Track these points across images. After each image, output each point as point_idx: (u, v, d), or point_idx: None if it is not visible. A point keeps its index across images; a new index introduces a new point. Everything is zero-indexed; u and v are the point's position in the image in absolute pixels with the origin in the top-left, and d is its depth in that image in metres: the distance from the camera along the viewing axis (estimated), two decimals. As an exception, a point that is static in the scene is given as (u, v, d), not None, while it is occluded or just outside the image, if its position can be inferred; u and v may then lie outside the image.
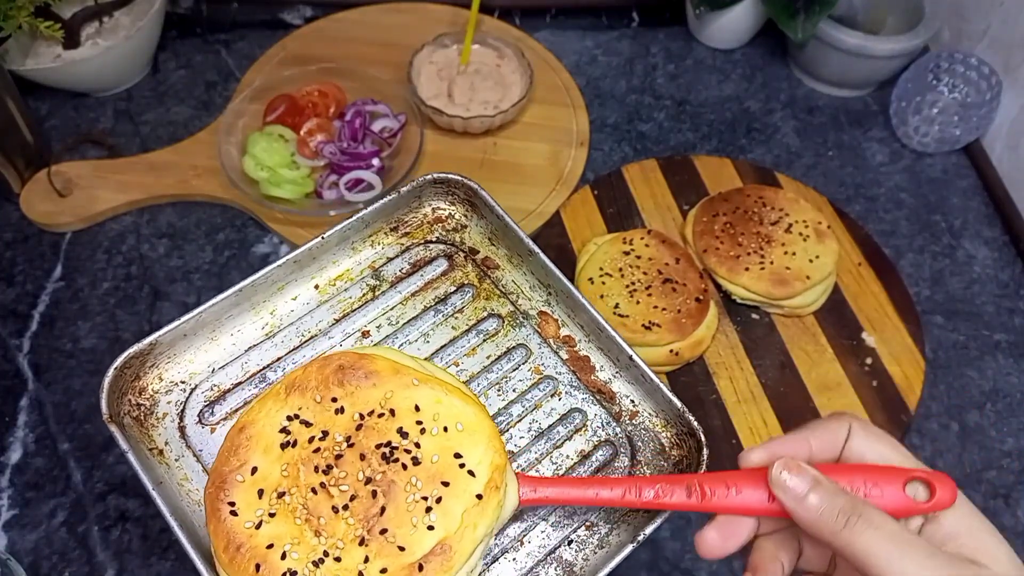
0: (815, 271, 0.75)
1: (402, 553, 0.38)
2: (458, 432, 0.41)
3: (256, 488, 0.40)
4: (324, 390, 0.42)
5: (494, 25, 1.01)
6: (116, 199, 0.83)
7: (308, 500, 0.39)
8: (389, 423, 0.41)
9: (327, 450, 0.40)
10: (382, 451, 0.40)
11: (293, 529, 0.39)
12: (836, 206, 0.85)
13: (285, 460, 0.41)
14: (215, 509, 0.40)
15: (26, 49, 0.89)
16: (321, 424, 0.41)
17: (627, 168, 0.87)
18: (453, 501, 0.39)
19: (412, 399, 0.42)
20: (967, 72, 0.92)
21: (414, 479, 0.40)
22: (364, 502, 0.39)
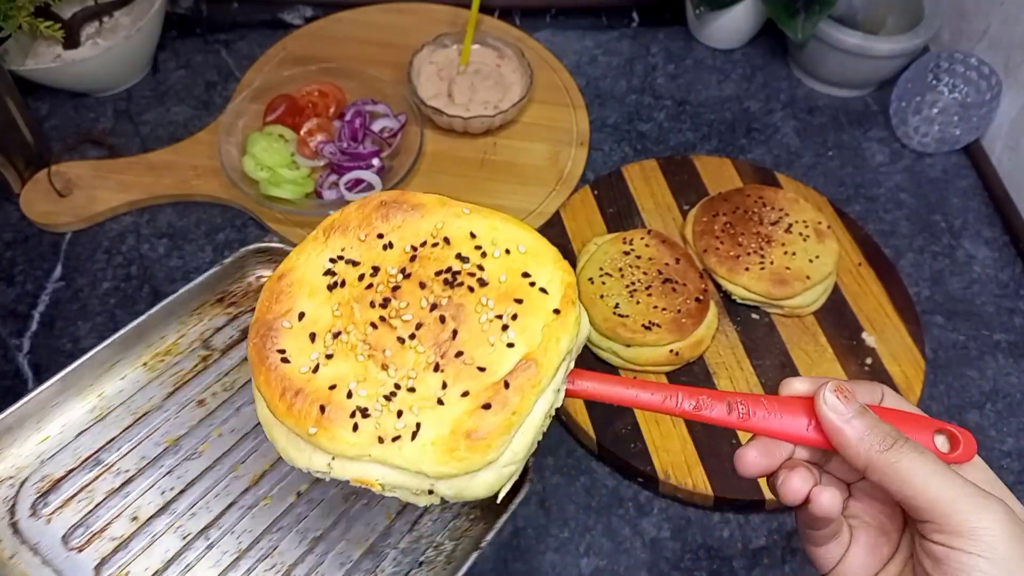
0: (815, 271, 0.75)
1: (483, 373, 0.36)
2: (521, 254, 0.39)
3: (307, 332, 0.37)
4: (368, 227, 0.40)
5: (494, 25, 1.01)
6: (116, 199, 0.83)
7: (368, 336, 0.37)
8: (445, 251, 0.39)
9: (381, 284, 0.38)
10: (443, 277, 0.38)
11: (356, 367, 0.36)
12: (836, 206, 0.85)
13: (335, 301, 0.38)
14: (263, 359, 0.37)
15: (26, 49, 0.89)
16: (370, 261, 0.39)
17: (627, 168, 0.87)
18: (530, 317, 0.37)
19: (466, 227, 0.40)
20: (967, 72, 0.92)
21: (484, 299, 0.37)
22: (432, 328, 0.36)
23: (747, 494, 0.66)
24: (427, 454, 0.35)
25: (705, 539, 0.67)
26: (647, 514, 0.68)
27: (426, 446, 0.35)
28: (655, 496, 0.69)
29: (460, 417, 0.35)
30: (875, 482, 0.36)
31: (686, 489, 0.66)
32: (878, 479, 0.36)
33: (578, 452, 0.71)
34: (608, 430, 0.69)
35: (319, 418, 0.35)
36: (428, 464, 0.35)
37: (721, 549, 0.66)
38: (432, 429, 0.35)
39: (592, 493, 0.69)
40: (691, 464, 0.67)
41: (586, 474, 0.70)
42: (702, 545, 0.67)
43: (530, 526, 0.67)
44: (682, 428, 0.69)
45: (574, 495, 0.69)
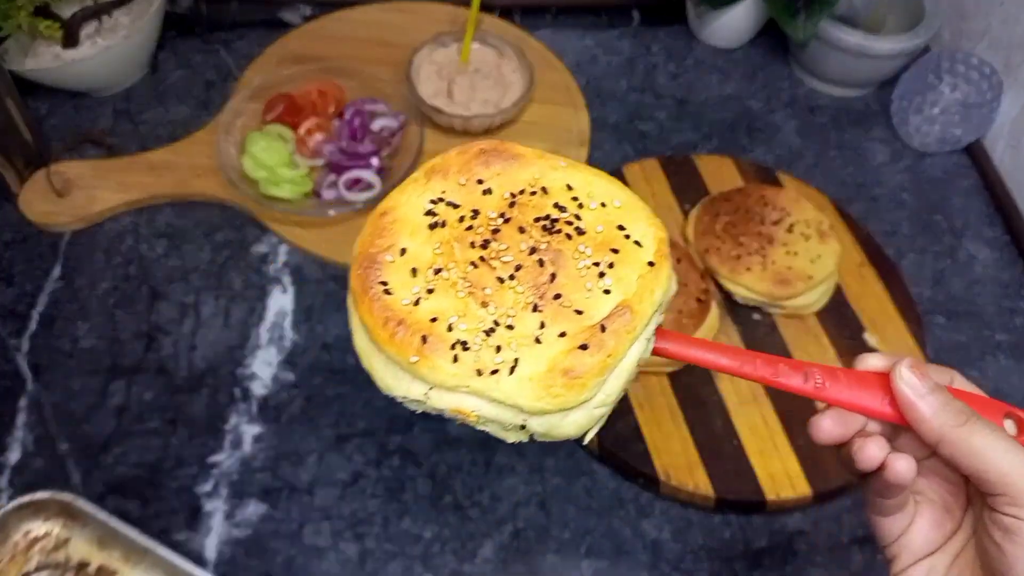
0: (817, 271, 0.75)
1: (580, 316, 0.37)
2: (616, 208, 0.40)
3: (409, 267, 0.38)
4: (468, 172, 0.41)
5: (494, 24, 1.01)
6: (115, 199, 0.83)
7: (469, 274, 0.38)
8: (543, 199, 0.40)
9: (481, 227, 0.39)
10: (542, 223, 0.39)
11: (456, 302, 0.37)
12: (837, 206, 0.85)
13: (436, 240, 0.39)
14: (366, 289, 0.38)
15: (25, 49, 0.89)
16: (470, 204, 0.40)
17: (628, 167, 0.87)
18: (626, 268, 0.38)
19: (563, 179, 0.41)
20: (968, 72, 0.91)
21: (581, 247, 0.38)
22: (531, 271, 0.38)
23: (748, 495, 0.66)
24: (524, 389, 0.36)
25: (706, 540, 0.67)
26: (648, 515, 0.68)
27: (523, 381, 0.36)
28: (656, 497, 0.69)
29: (557, 355, 0.36)
30: (946, 457, 0.37)
31: (687, 490, 0.66)
32: (950, 454, 0.37)
33: (579, 453, 0.71)
34: (609, 431, 0.69)
35: (420, 348, 0.36)
36: (525, 398, 0.36)
37: (722, 550, 0.66)
38: (530, 365, 0.36)
39: (593, 494, 0.69)
40: (692, 465, 0.67)
41: (587, 475, 0.70)
42: (703, 546, 0.66)
43: (530, 527, 0.67)
44: (683, 429, 0.69)
45: (575, 496, 0.69)
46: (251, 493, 0.68)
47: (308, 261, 0.81)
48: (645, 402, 0.71)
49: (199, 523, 0.66)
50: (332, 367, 0.75)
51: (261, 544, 0.65)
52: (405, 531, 0.66)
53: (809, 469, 0.67)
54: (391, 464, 0.70)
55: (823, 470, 0.67)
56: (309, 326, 0.77)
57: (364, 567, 0.65)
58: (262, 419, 0.72)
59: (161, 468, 0.69)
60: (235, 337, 0.76)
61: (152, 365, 0.74)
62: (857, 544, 0.67)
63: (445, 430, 0.71)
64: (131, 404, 0.72)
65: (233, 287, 0.79)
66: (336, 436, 0.71)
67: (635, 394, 0.71)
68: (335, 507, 0.67)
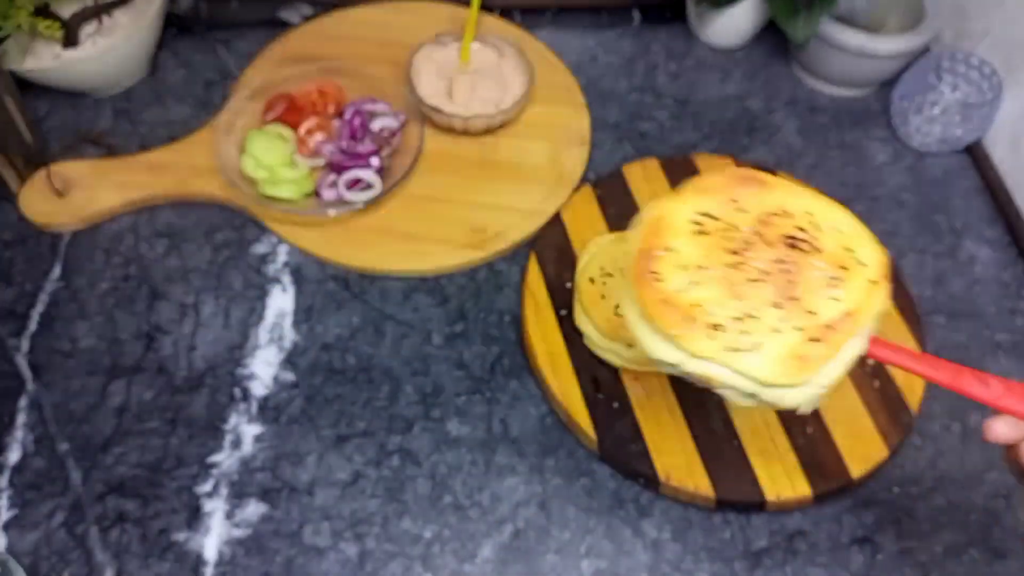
0: None
1: (813, 316, 0.46)
2: (846, 233, 0.49)
3: (678, 263, 0.48)
4: (727, 193, 0.50)
5: (494, 24, 1.01)
6: (115, 199, 0.83)
7: (726, 273, 0.47)
8: (788, 221, 0.49)
9: (736, 239, 0.49)
10: (786, 240, 0.48)
11: (714, 294, 0.47)
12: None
13: (700, 244, 0.49)
14: (642, 276, 0.48)
15: (25, 48, 0.89)
16: (728, 219, 0.49)
17: (628, 167, 0.87)
18: (853, 282, 0.47)
19: (805, 206, 0.50)
20: (968, 72, 0.91)
21: (817, 261, 0.48)
22: (776, 277, 0.47)
23: (749, 496, 0.66)
24: (764, 365, 0.46)
25: (706, 540, 0.67)
26: (648, 515, 0.68)
27: (764, 359, 0.46)
28: (656, 497, 0.69)
29: (793, 344, 0.46)
30: None
31: (687, 490, 0.66)
32: None
33: (579, 453, 0.71)
34: (609, 431, 0.69)
35: (683, 325, 0.46)
36: (763, 373, 0.46)
37: (722, 550, 0.66)
38: (770, 348, 0.46)
39: (593, 494, 0.69)
40: (692, 465, 0.67)
41: (587, 475, 0.70)
42: (703, 546, 0.66)
43: (530, 527, 0.67)
44: (683, 429, 0.69)
45: (574, 496, 0.69)
46: (251, 493, 0.68)
47: (308, 261, 0.81)
48: (645, 402, 0.71)
49: (199, 523, 0.66)
50: (332, 367, 0.75)
51: (261, 544, 0.65)
52: (405, 531, 0.66)
53: (809, 469, 0.67)
54: (391, 464, 0.70)
55: (823, 470, 0.67)
56: (309, 326, 0.77)
57: (364, 567, 0.65)
58: (262, 419, 0.72)
59: (161, 468, 0.69)
60: (235, 337, 0.76)
61: (152, 365, 0.74)
62: (857, 544, 0.67)
63: (445, 430, 0.72)
64: (131, 404, 0.72)
65: (233, 287, 0.79)
66: (336, 436, 0.71)
67: (635, 394, 0.71)
68: (335, 507, 0.67)
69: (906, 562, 0.66)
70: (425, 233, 0.82)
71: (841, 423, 0.70)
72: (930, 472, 0.71)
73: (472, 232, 0.82)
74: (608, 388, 0.72)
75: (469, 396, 0.73)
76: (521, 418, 0.72)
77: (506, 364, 0.76)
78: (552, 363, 0.73)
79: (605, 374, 0.72)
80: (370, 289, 0.80)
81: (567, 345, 0.74)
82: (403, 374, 0.75)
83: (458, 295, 0.80)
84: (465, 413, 0.73)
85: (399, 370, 0.75)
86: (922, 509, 0.69)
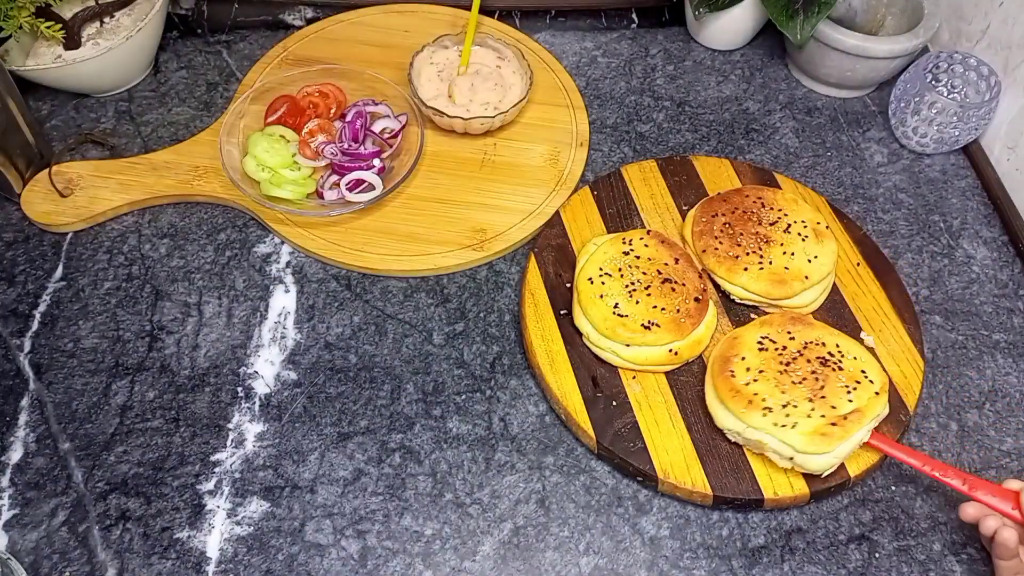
0: (814, 271, 0.75)
1: (834, 410, 0.65)
2: (860, 362, 0.69)
3: (744, 367, 0.68)
4: (783, 326, 0.71)
5: (494, 26, 1.02)
6: (117, 199, 0.84)
7: (777, 377, 0.67)
8: (822, 349, 0.69)
9: (785, 355, 0.69)
10: (819, 359, 0.68)
11: (768, 388, 0.67)
12: (834, 206, 0.85)
13: (761, 356, 0.69)
14: (721, 372, 0.69)
15: (27, 49, 0.89)
16: (780, 342, 0.70)
17: (626, 168, 0.87)
18: (863, 392, 0.67)
19: (834, 340, 0.70)
20: (966, 72, 0.92)
21: (839, 376, 0.67)
22: (811, 382, 0.67)
23: (746, 493, 0.66)
24: (798, 438, 0.64)
25: (704, 538, 0.67)
26: (646, 512, 0.68)
27: (798, 434, 0.64)
28: (654, 495, 0.69)
29: (819, 425, 0.65)
30: None
31: (685, 488, 0.67)
32: None
33: (578, 451, 0.71)
34: (607, 429, 0.69)
35: (746, 406, 0.66)
36: (798, 443, 0.64)
37: (720, 548, 0.67)
38: (803, 427, 0.65)
39: (591, 492, 0.69)
40: (690, 463, 0.68)
41: (586, 473, 0.70)
42: (701, 544, 0.67)
43: (530, 525, 0.67)
44: (681, 427, 0.70)
45: (573, 494, 0.69)
46: (253, 491, 0.68)
47: (310, 261, 0.82)
48: (643, 400, 0.71)
49: (201, 521, 0.67)
50: (334, 366, 0.75)
51: (263, 542, 0.66)
52: (406, 528, 0.67)
53: None
54: (392, 462, 0.70)
55: None
56: (311, 325, 0.77)
57: (365, 564, 0.65)
58: (264, 417, 0.72)
59: (163, 466, 0.69)
60: (238, 336, 0.77)
61: (155, 364, 0.75)
62: (855, 542, 0.67)
63: (445, 428, 0.72)
64: (134, 403, 0.72)
65: (236, 287, 0.80)
66: (338, 434, 0.71)
67: (633, 393, 0.72)
68: (337, 505, 0.68)
69: (903, 560, 0.67)
70: (426, 234, 0.83)
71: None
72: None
73: (472, 232, 0.83)
74: (607, 387, 0.72)
75: (469, 395, 0.74)
76: (521, 416, 0.73)
77: (506, 363, 0.76)
78: (551, 362, 0.73)
79: (604, 373, 0.73)
80: (371, 289, 0.80)
81: (566, 344, 0.74)
82: (404, 373, 0.75)
83: (458, 295, 0.80)
84: (465, 411, 0.73)
85: (400, 369, 0.75)
86: (920, 507, 0.69)
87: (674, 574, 0.65)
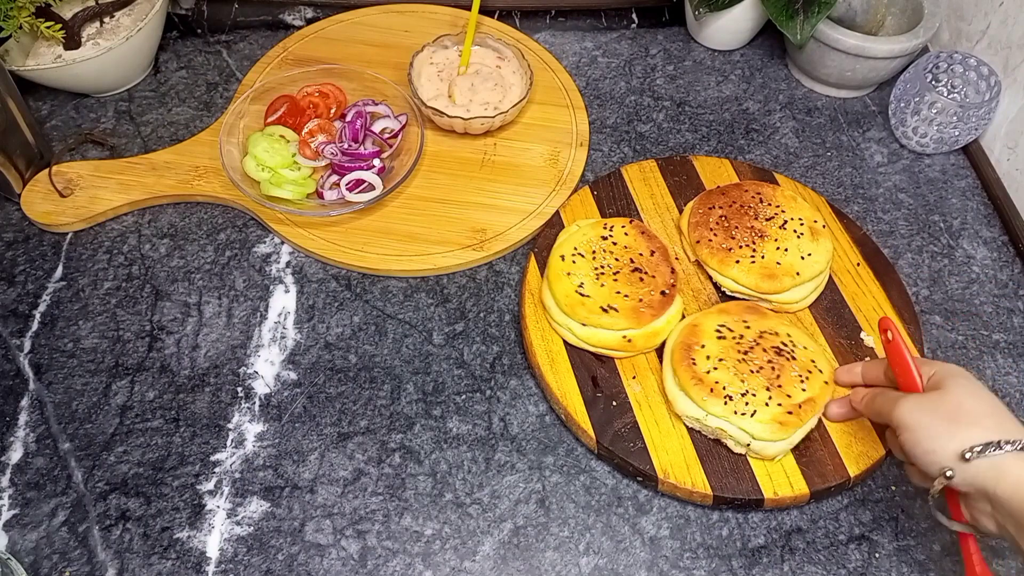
0: (805, 268, 0.75)
1: (789, 398, 0.67)
2: (810, 351, 0.71)
3: (704, 354, 0.69)
4: (739, 315, 0.72)
5: (494, 26, 1.02)
6: (117, 199, 0.84)
7: (736, 365, 0.69)
8: (776, 339, 0.71)
9: (743, 344, 0.70)
10: (774, 349, 0.70)
11: (728, 376, 0.68)
12: (834, 206, 0.85)
13: (720, 344, 0.70)
14: (683, 359, 0.69)
15: (27, 49, 0.89)
16: (738, 331, 0.71)
17: (626, 168, 0.87)
18: (814, 381, 0.69)
19: (786, 331, 0.72)
20: (966, 72, 0.92)
21: (793, 366, 0.69)
22: (767, 371, 0.68)
23: (746, 493, 0.66)
24: (757, 427, 0.66)
25: (704, 538, 0.67)
26: (646, 512, 0.68)
27: (756, 422, 0.66)
28: (654, 495, 0.69)
29: (776, 413, 0.66)
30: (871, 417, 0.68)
31: (685, 488, 0.67)
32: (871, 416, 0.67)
33: (578, 451, 0.71)
34: (607, 429, 0.69)
35: (708, 395, 0.67)
36: (755, 430, 0.66)
37: (720, 548, 0.67)
38: (761, 415, 0.66)
39: (592, 492, 0.69)
40: (690, 463, 0.68)
41: (586, 473, 0.70)
42: (701, 544, 0.67)
43: (530, 524, 0.67)
44: (681, 427, 0.70)
45: (574, 494, 0.69)
46: (253, 491, 0.68)
47: (310, 261, 0.82)
48: (643, 400, 0.71)
49: (201, 521, 0.67)
50: (334, 366, 0.75)
51: (263, 541, 0.66)
52: (406, 528, 0.67)
53: (807, 468, 0.68)
54: (392, 462, 0.70)
55: (821, 469, 0.68)
56: (311, 325, 0.78)
57: (365, 564, 0.65)
58: (264, 417, 0.72)
59: (163, 467, 0.69)
60: (238, 336, 0.77)
61: (155, 364, 0.75)
62: (855, 542, 0.67)
63: (445, 428, 0.72)
64: (134, 403, 0.72)
65: (236, 287, 0.80)
66: (338, 434, 0.71)
67: (633, 393, 0.72)
68: (337, 505, 0.68)
69: (903, 560, 0.67)
70: (426, 234, 0.83)
71: (839, 423, 0.71)
72: (927, 470, 0.71)
73: (472, 232, 0.83)
74: (607, 387, 0.72)
75: (469, 395, 0.74)
76: (521, 416, 0.73)
77: (506, 363, 0.76)
78: (551, 362, 0.73)
79: (604, 373, 0.73)
80: (371, 289, 0.80)
81: (566, 345, 0.74)
82: (404, 373, 0.75)
83: (458, 295, 0.80)
84: (465, 411, 0.73)
85: (400, 369, 0.75)
86: (920, 507, 0.69)
87: (674, 574, 0.65)
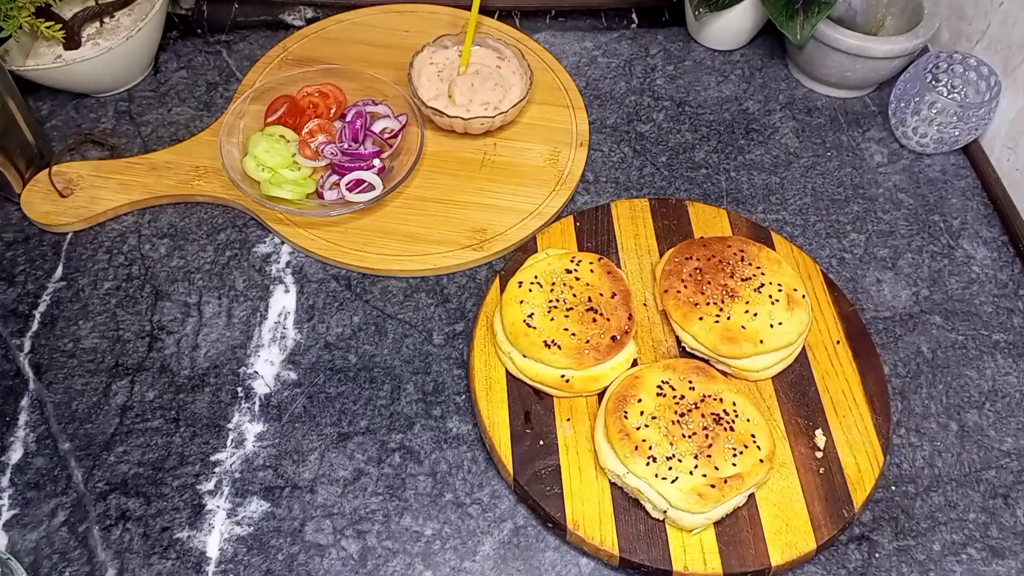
0: (772, 337, 0.70)
1: (717, 471, 0.63)
2: (753, 425, 0.66)
3: (639, 409, 0.66)
4: (686, 375, 0.69)
5: (494, 26, 1.02)
6: (117, 199, 0.84)
7: (668, 426, 0.65)
8: (718, 405, 0.67)
9: (681, 405, 0.66)
10: (713, 416, 0.66)
11: (657, 436, 0.65)
12: (828, 278, 0.79)
13: (658, 402, 0.67)
14: (615, 411, 0.66)
15: (27, 49, 0.89)
16: (680, 391, 0.67)
17: (616, 204, 0.84)
18: (748, 457, 0.64)
19: (732, 399, 0.68)
20: (966, 72, 0.92)
21: (729, 437, 0.65)
22: (699, 438, 0.65)
23: (655, 562, 0.63)
24: (675, 494, 0.63)
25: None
26: (647, 513, 0.68)
27: (676, 490, 0.63)
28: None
29: (698, 484, 0.63)
30: None
31: (592, 544, 0.64)
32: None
33: (578, 451, 0.71)
34: (527, 468, 0.67)
35: (632, 452, 0.64)
36: (673, 498, 0.62)
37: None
38: (682, 483, 0.63)
39: (592, 492, 0.69)
40: (604, 519, 0.65)
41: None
42: None
43: (530, 525, 0.67)
44: (604, 481, 0.67)
45: (574, 494, 0.69)
46: (253, 491, 0.68)
47: (310, 261, 0.82)
48: (572, 445, 0.69)
49: (201, 521, 0.67)
50: (334, 366, 0.75)
51: (263, 542, 0.66)
52: (406, 528, 0.67)
53: (725, 547, 0.64)
54: (392, 462, 0.70)
55: (740, 551, 0.64)
56: (311, 325, 0.77)
57: (365, 565, 0.65)
58: (264, 417, 0.72)
59: (163, 467, 0.69)
60: (238, 336, 0.77)
61: (155, 364, 0.75)
62: (855, 542, 0.67)
63: (445, 428, 0.72)
64: (134, 403, 0.72)
65: (236, 287, 0.80)
66: (338, 434, 0.71)
67: (564, 435, 0.69)
68: (337, 505, 0.68)
69: (903, 560, 0.67)
70: (426, 234, 0.83)
71: (773, 503, 0.66)
72: (927, 471, 0.71)
73: (472, 232, 0.83)
74: (538, 424, 0.69)
75: (469, 395, 0.74)
76: (521, 417, 0.73)
77: (506, 363, 0.76)
78: (488, 388, 0.71)
79: (539, 410, 0.70)
80: (371, 289, 0.80)
81: (508, 373, 0.72)
82: (404, 373, 0.75)
83: (458, 295, 0.80)
84: (465, 411, 0.73)
85: (400, 369, 0.75)
86: (919, 508, 0.69)
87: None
